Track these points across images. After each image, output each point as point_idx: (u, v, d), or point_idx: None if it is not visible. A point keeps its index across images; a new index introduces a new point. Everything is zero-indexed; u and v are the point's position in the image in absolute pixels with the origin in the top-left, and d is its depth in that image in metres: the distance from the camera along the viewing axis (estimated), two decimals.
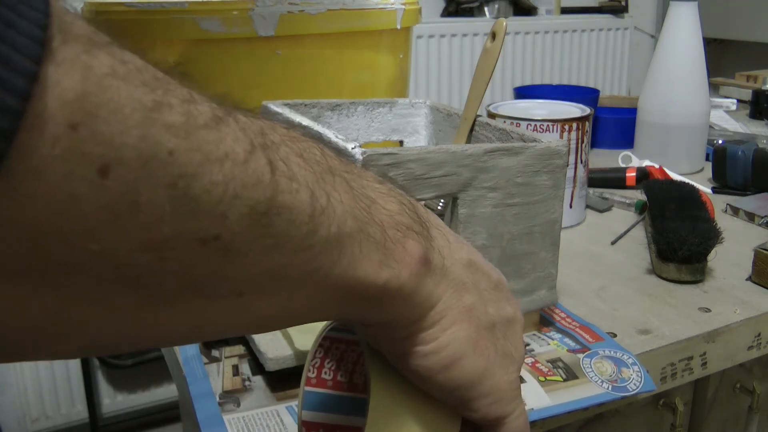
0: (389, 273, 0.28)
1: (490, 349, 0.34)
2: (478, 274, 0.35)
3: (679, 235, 0.65)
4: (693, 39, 1.00)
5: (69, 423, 1.74)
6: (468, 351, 0.32)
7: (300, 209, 0.24)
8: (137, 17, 0.65)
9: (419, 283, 0.30)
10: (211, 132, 0.22)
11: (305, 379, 0.44)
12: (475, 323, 0.33)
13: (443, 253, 0.32)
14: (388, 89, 0.75)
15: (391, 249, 0.29)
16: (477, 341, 0.33)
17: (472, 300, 0.33)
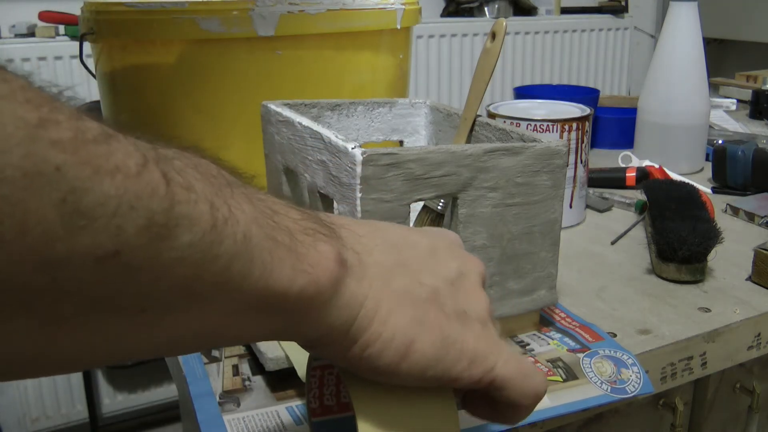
0: (305, 279, 0.28)
1: (440, 319, 0.33)
2: (403, 251, 0.34)
3: (679, 235, 0.65)
4: (693, 39, 1.00)
5: (69, 423, 1.74)
6: (417, 332, 0.32)
7: (201, 219, 0.24)
8: (137, 17, 0.65)
9: (339, 285, 0.30)
10: (100, 146, 0.21)
11: (310, 411, 0.44)
12: (412, 302, 0.32)
13: (357, 249, 0.32)
14: (388, 89, 0.75)
15: (303, 254, 0.28)
16: (423, 318, 0.32)
17: (402, 281, 0.33)
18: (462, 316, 0.34)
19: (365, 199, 0.46)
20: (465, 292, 0.35)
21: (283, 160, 0.59)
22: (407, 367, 0.32)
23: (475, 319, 0.35)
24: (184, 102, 0.68)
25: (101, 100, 0.76)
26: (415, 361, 0.32)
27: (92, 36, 0.69)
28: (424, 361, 0.32)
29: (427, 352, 0.32)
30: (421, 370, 0.32)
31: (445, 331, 0.33)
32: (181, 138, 0.71)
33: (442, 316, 0.33)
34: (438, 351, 0.32)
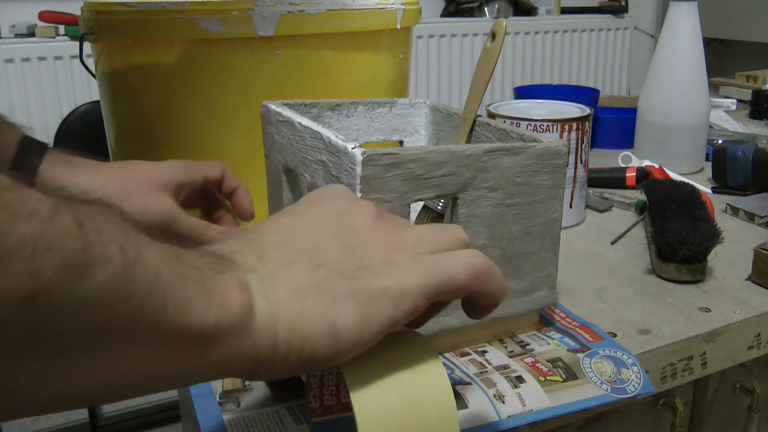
0: (217, 311, 0.29)
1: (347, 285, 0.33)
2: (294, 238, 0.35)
3: (679, 235, 0.65)
4: (693, 39, 1.00)
5: (69, 423, 1.74)
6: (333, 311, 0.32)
7: (113, 259, 0.25)
8: (137, 17, 0.65)
9: (250, 309, 0.30)
10: (14, 194, 0.23)
11: (310, 411, 0.44)
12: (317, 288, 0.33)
13: (253, 266, 0.32)
14: (388, 89, 0.75)
15: (211, 287, 0.29)
16: (332, 296, 0.33)
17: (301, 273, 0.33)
18: (366, 267, 0.34)
19: (365, 198, 0.46)
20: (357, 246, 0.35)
21: (283, 160, 0.59)
22: (345, 345, 0.33)
23: (378, 260, 0.35)
24: (184, 102, 0.68)
25: (101, 100, 0.76)
26: (347, 337, 0.32)
27: (92, 36, 0.69)
28: (355, 331, 0.33)
29: (352, 322, 0.33)
30: (359, 339, 0.33)
31: (356, 293, 0.33)
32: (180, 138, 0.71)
33: (347, 282, 0.33)
34: (361, 314, 0.33)
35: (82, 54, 0.72)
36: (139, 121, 0.71)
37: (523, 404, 0.47)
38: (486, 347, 0.54)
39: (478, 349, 0.54)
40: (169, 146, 0.70)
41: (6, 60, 1.57)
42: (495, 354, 0.53)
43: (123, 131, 0.74)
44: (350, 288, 0.33)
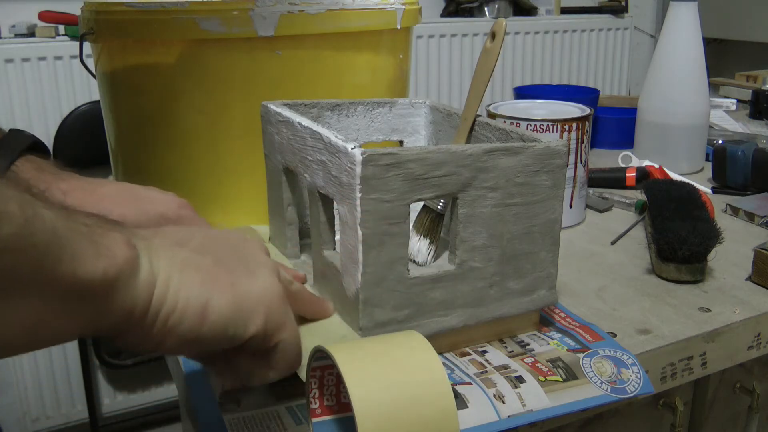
0: (105, 261, 0.32)
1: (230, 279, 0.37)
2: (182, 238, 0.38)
3: (679, 235, 0.65)
4: (693, 39, 1.00)
5: (69, 423, 1.74)
6: (210, 292, 0.36)
7: (15, 214, 0.28)
8: (137, 17, 0.65)
9: (135, 265, 0.34)
10: None
11: (310, 412, 0.44)
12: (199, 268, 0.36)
13: (143, 234, 0.36)
14: (388, 89, 0.75)
15: (100, 242, 0.32)
16: (213, 279, 0.36)
17: (185, 254, 0.37)
18: (253, 274, 0.38)
19: (365, 199, 0.46)
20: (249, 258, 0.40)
21: (283, 160, 0.59)
22: (209, 329, 0.35)
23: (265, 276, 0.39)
24: (184, 102, 0.68)
25: (101, 100, 0.76)
26: (213, 321, 0.35)
27: (92, 36, 0.69)
28: (222, 319, 0.36)
29: (223, 309, 0.36)
30: (222, 328, 0.36)
31: (237, 288, 0.37)
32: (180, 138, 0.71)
33: (230, 276, 0.37)
34: (233, 308, 0.36)
35: (82, 54, 0.72)
36: (139, 121, 0.71)
37: (523, 404, 0.47)
38: (486, 347, 0.54)
39: (478, 349, 0.54)
40: (169, 146, 0.70)
41: (6, 60, 1.57)
42: (495, 354, 0.53)
43: (123, 131, 0.74)
44: (233, 281, 0.37)
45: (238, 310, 0.36)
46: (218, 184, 0.71)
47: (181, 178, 0.71)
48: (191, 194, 0.71)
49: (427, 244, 0.57)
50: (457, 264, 0.51)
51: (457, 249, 0.51)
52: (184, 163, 0.70)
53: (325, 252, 0.54)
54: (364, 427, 0.37)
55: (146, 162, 0.73)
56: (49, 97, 1.62)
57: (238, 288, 0.37)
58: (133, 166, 0.75)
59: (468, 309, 0.52)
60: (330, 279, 0.53)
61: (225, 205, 0.72)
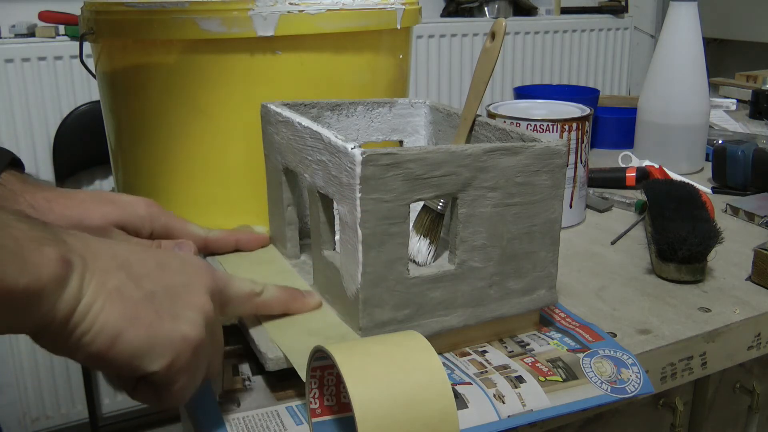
0: (29, 278, 0.33)
1: (151, 318, 0.39)
2: (131, 260, 0.40)
3: (679, 235, 0.65)
4: (693, 39, 1.00)
5: (69, 423, 1.74)
6: (124, 327, 0.37)
7: None
8: (137, 17, 0.65)
9: (62, 283, 0.35)
10: None
11: (310, 412, 0.44)
12: (125, 300, 0.38)
13: (83, 253, 0.37)
14: (388, 89, 0.75)
15: (28, 257, 0.34)
16: (133, 315, 0.38)
17: (119, 281, 0.38)
18: (176, 318, 0.40)
19: (365, 199, 0.46)
20: (186, 300, 0.41)
21: (282, 161, 0.59)
22: (114, 356, 0.37)
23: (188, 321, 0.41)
24: (184, 102, 0.68)
25: (101, 100, 0.76)
26: (120, 351, 0.37)
27: (92, 36, 0.69)
28: (128, 352, 0.38)
29: (132, 344, 0.38)
30: (127, 359, 0.38)
31: (152, 329, 0.39)
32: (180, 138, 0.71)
33: (153, 316, 0.39)
34: (143, 345, 0.38)
35: (82, 54, 0.72)
36: (139, 121, 0.71)
37: (523, 404, 0.47)
38: (486, 347, 0.54)
39: (478, 349, 0.54)
40: (169, 146, 0.70)
41: (6, 60, 1.56)
42: (495, 354, 0.53)
43: (123, 131, 0.74)
44: (152, 321, 0.39)
45: (147, 349, 0.38)
46: (218, 184, 0.71)
47: (180, 179, 0.71)
48: (191, 194, 0.71)
49: (427, 244, 0.57)
50: (457, 264, 0.51)
51: (457, 249, 0.51)
52: (184, 163, 0.70)
53: (325, 252, 0.54)
54: (364, 427, 0.37)
55: (146, 162, 0.73)
56: (49, 97, 1.62)
57: (153, 329, 0.39)
58: (133, 166, 0.75)
59: (468, 309, 0.52)
60: (330, 279, 0.53)
61: (225, 205, 0.72)
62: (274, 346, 0.49)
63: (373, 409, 0.37)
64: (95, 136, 1.07)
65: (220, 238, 0.63)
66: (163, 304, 0.40)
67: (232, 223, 0.71)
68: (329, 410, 0.45)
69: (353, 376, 0.38)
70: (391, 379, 0.39)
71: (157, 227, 0.60)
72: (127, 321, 0.38)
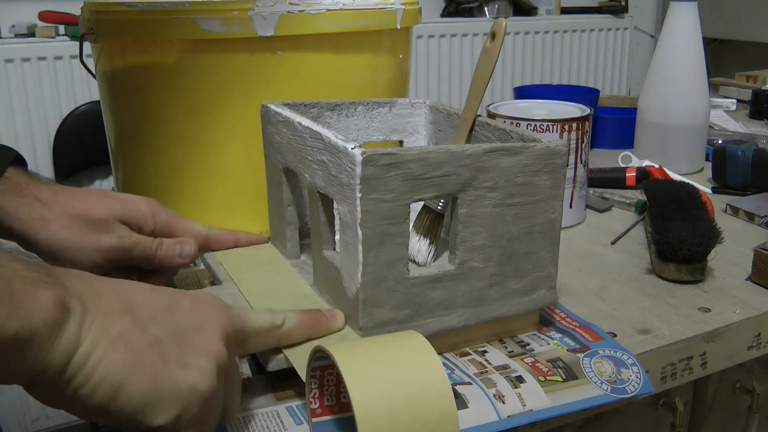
0: (18, 323, 0.31)
1: (157, 368, 0.35)
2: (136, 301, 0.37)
3: (679, 235, 0.65)
4: (693, 39, 1.00)
5: (69, 423, 1.74)
6: (126, 378, 0.34)
7: None
8: (137, 17, 0.65)
9: (57, 329, 0.32)
10: None
11: (310, 412, 0.44)
12: (128, 348, 0.35)
13: (83, 295, 0.35)
14: (388, 89, 0.75)
15: (19, 300, 0.31)
16: (137, 364, 0.35)
17: (123, 326, 0.35)
18: (186, 366, 0.37)
19: (365, 199, 0.46)
20: (197, 345, 0.38)
21: (282, 161, 0.59)
22: (115, 409, 0.34)
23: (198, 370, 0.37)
24: (184, 102, 0.68)
25: (101, 100, 0.76)
26: (123, 404, 0.34)
27: (92, 36, 0.69)
28: (132, 405, 0.34)
29: (135, 396, 0.34)
30: (130, 412, 0.35)
31: (158, 379, 0.35)
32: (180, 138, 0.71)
33: (160, 365, 0.36)
34: (148, 397, 0.35)
35: (82, 54, 0.72)
36: (139, 121, 0.71)
37: (523, 404, 0.47)
38: (486, 347, 0.54)
39: (478, 349, 0.54)
40: (169, 146, 0.70)
41: (6, 60, 1.57)
42: (495, 354, 0.53)
43: (123, 131, 0.74)
44: (158, 371, 0.35)
45: (152, 402, 0.35)
46: (218, 184, 0.71)
47: (180, 178, 0.71)
48: (191, 194, 0.71)
49: (427, 244, 0.57)
50: (457, 264, 0.51)
51: (457, 249, 0.51)
52: (184, 163, 0.70)
53: (325, 252, 0.54)
54: (364, 427, 0.37)
55: (146, 162, 0.73)
56: (49, 97, 1.62)
57: (160, 379, 0.35)
58: (133, 166, 0.75)
59: (468, 309, 0.52)
60: (330, 279, 0.53)
61: (225, 205, 0.72)
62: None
63: (373, 409, 0.37)
64: (95, 136, 1.07)
65: (220, 236, 0.64)
66: (170, 350, 0.36)
67: (232, 223, 0.71)
68: (329, 410, 0.45)
69: (353, 376, 0.38)
70: (391, 379, 0.39)
71: (159, 224, 0.60)
72: (130, 371, 0.34)
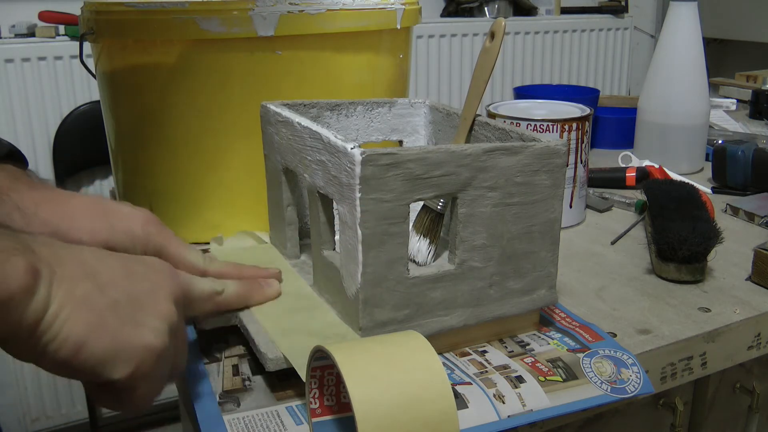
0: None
1: (116, 326, 0.39)
2: (97, 267, 0.41)
3: (679, 235, 0.65)
4: (693, 39, 1.00)
5: (69, 423, 1.74)
6: (88, 335, 0.38)
7: None
8: (137, 17, 0.65)
9: (29, 292, 0.36)
10: None
11: (310, 412, 0.44)
12: (91, 309, 0.38)
13: (51, 261, 0.38)
14: (388, 89, 0.75)
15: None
16: (98, 324, 0.38)
17: (86, 289, 0.39)
18: (139, 326, 0.40)
19: (365, 199, 0.46)
20: (150, 307, 0.42)
21: (282, 161, 0.59)
22: (78, 363, 0.38)
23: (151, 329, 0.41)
24: (184, 102, 0.68)
25: (101, 100, 0.76)
26: (85, 359, 0.38)
27: (92, 36, 0.69)
28: (92, 360, 0.38)
29: (96, 353, 0.38)
30: (91, 367, 0.38)
31: (116, 338, 0.39)
32: (180, 138, 0.71)
33: (118, 325, 0.39)
34: (107, 353, 0.39)
35: (82, 54, 0.72)
36: (139, 121, 0.71)
37: (523, 404, 0.47)
38: (486, 347, 0.54)
39: (478, 349, 0.54)
40: (169, 146, 0.70)
41: (6, 60, 1.57)
42: (495, 354, 0.53)
43: (123, 131, 0.74)
44: (116, 329, 0.39)
45: (110, 357, 0.39)
46: (218, 184, 0.71)
47: (180, 178, 0.71)
48: (191, 194, 0.71)
49: (427, 244, 0.57)
50: (457, 264, 0.51)
51: (457, 249, 0.51)
52: (184, 163, 0.70)
53: (325, 252, 0.54)
54: (364, 427, 0.37)
55: (146, 162, 0.73)
56: (49, 97, 1.62)
57: (117, 338, 0.39)
58: (133, 166, 0.75)
59: (468, 309, 0.52)
60: (330, 279, 0.53)
61: (225, 205, 0.72)
62: (274, 346, 0.49)
63: (373, 409, 0.37)
64: (95, 136, 1.07)
65: (221, 273, 0.55)
66: (127, 312, 0.40)
67: (232, 222, 0.71)
68: (329, 410, 0.45)
69: (353, 376, 0.38)
70: (391, 379, 0.39)
71: (150, 250, 0.53)
72: (92, 330, 0.38)
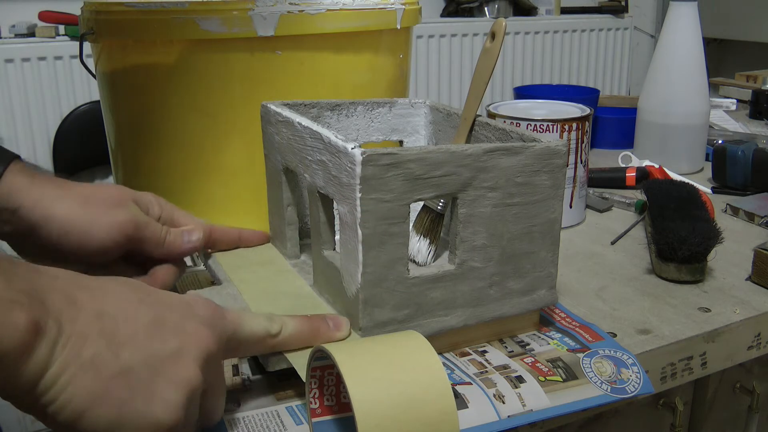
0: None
1: (123, 397, 0.36)
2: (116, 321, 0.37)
3: (679, 235, 0.65)
4: (693, 39, 1.00)
5: None
6: (90, 404, 0.35)
7: None
8: (137, 17, 0.65)
9: (28, 350, 0.33)
10: None
11: (310, 412, 0.44)
12: (96, 375, 0.35)
13: (60, 315, 0.35)
14: (388, 89, 0.75)
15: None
16: (102, 393, 0.35)
17: (94, 351, 0.35)
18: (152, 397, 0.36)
19: (365, 199, 0.46)
20: (169, 375, 0.37)
21: (282, 161, 0.59)
22: (81, 429, 0.35)
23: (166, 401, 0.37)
24: (184, 102, 0.68)
25: (101, 100, 0.76)
26: (87, 426, 0.35)
27: (92, 36, 0.69)
28: (95, 428, 0.35)
29: (99, 423, 0.35)
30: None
31: (123, 410, 0.36)
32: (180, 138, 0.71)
33: (126, 395, 0.36)
34: (111, 424, 0.35)
35: (82, 54, 0.72)
36: (139, 121, 0.71)
37: (523, 404, 0.47)
38: (486, 347, 0.54)
39: (478, 349, 0.54)
40: (169, 146, 0.70)
41: (6, 60, 1.57)
42: (495, 354, 0.53)
43: (123, 131, 0.74)
44: (123, 400, 0.36)
45: (115, 429, 0.36)
46: (218, 184, 0.71)
47: (180, 178, 0.71)
48: (191, 194, 0.71)
49: (427, 244, 0.57)
50: (457, 264, 0.51)
51: (457, 249, 0.51)
52: (184, 163, 0.70)
53: (325, 252, 0.54)
54: (364, 427, 0.37)
55: (146, 162, 0.73)
56: (49, 97, 1.62)
57: (123, 410, 0.36)
58: (133, 166, 0.75)
59: (468, 309, 0.52)
60: (330, 279, 0.53)
61: (225, 205, 0.72)
62: None
63: (373, 409, 0.37)
64: (95, 136, 1.07)
65: (224, 230, 0.64)
66: (140, 379, 0.36)
67: (232, 222, 0.71)
68: (329, 410, 0.45)
69: (353, 376, 0.38)
70: (391, 379, 0.39)
71: (165, 214, 0.59)
72: (94, 399, 0.35)
